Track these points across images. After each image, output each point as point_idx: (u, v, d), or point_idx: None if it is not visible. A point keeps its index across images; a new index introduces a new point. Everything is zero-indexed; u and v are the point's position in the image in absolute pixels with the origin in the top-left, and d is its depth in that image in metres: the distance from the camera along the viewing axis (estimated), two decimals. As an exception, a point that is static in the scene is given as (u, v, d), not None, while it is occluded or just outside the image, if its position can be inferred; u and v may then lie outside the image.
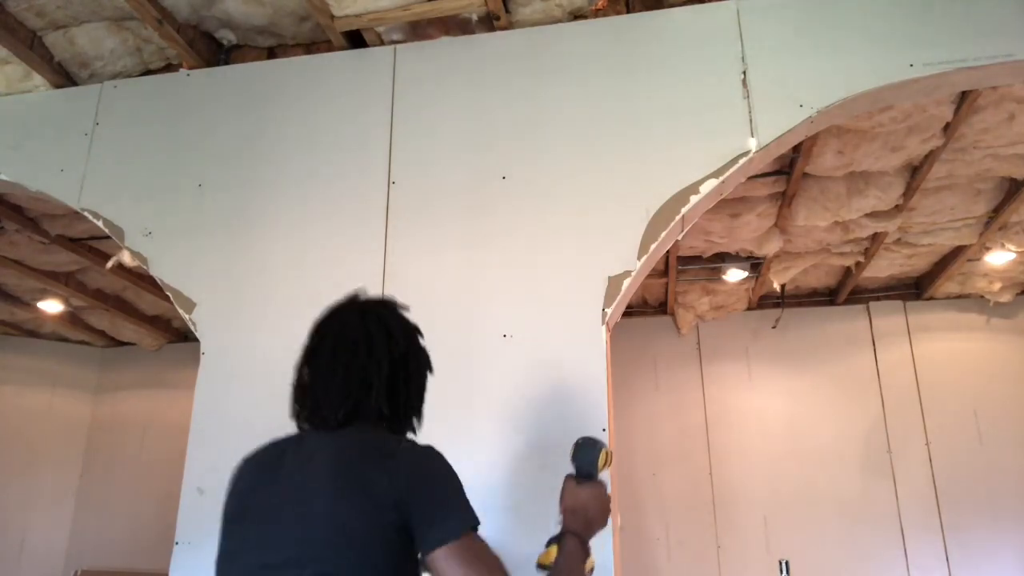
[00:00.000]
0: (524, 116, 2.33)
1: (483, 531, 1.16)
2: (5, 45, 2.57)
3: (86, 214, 2.55)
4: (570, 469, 1.42)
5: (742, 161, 2.12)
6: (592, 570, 1.32)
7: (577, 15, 2.43)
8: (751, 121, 2.15)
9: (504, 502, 1.98)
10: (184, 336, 5.71)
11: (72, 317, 5.35)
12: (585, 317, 2.08)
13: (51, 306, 4.99)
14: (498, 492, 1.98)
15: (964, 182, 3.51)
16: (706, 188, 2.12)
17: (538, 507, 1.93)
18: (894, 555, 4.54)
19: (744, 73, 2.21)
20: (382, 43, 2.54)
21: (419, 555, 1.13)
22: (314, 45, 2.68)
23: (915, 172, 3.37)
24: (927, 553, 4.51)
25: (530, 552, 1.34)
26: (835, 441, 4.80)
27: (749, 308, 5.10)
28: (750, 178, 2.87)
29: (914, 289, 4.96)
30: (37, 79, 2.74)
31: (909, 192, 3.47)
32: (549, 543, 1.32)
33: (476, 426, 2.06)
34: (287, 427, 2.35)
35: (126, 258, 2.54)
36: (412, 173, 2.35)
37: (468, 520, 1.13)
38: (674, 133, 2.20)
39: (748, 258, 4.30)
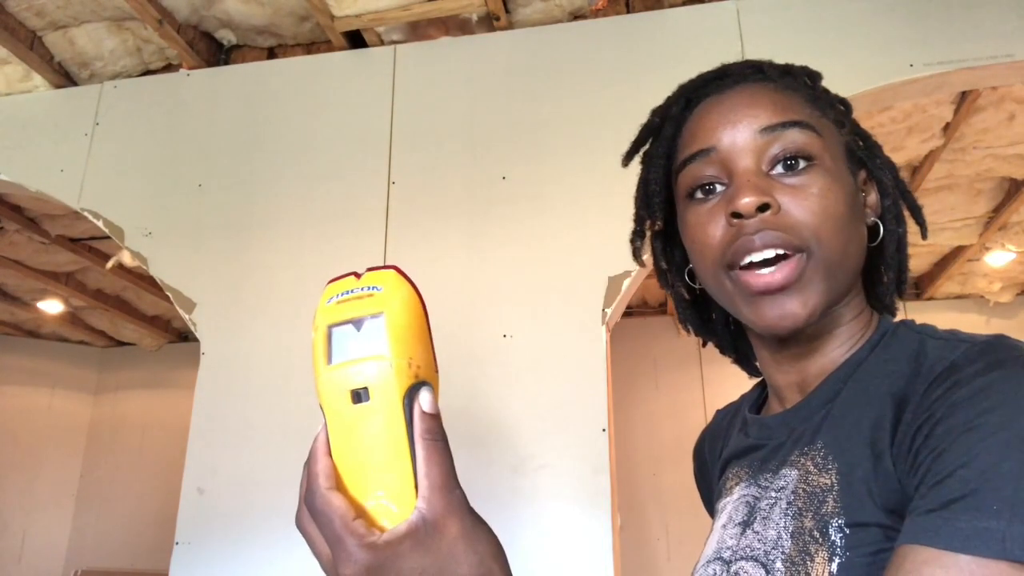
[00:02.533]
0: (524, 116, 2.32)
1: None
2: (5, 45, 2.56)
3: (86, 214, 2.55)
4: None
5: (742, 161, 2.12)
6: None
7: (577, 15, 2.43)
8: (751, 121, 2.15)
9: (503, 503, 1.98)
10: (184, 336, 5.71)
11: (72, 317, 5.35)
12: (585, 317, 2.08)
13: (51, 306, 4.99)
14: (498, 493, 1.99)
15: (964, 182, 3.51)
16: (706, 188, 2.12)
17: (538, 506, 1.93)
18: (894, 555, 4.53)
19: (744, 73, 2.20)
20: (382, 43, 2.54)
21: None
22: (314, 45, 2.68)
23: (915, 172, 3.37)
24: (927, 553, 4.50)
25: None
26: (835, 441, 4.79)
27: (749, 308, 5.09)
28: (750, 178, 2.87)
29: (914, 289, 4.96)
30: (37, 79, 2.74)
31: (909, 192, 3.47)
32: None
33: (475, 428, 2.06)
34: (286, 427, 2.33)
35: (126, 258, 2.54)
36: (412, 173, 2.35)
37: None
38: (674, 133, 2.20)
39: (748, 258, 4.30)
